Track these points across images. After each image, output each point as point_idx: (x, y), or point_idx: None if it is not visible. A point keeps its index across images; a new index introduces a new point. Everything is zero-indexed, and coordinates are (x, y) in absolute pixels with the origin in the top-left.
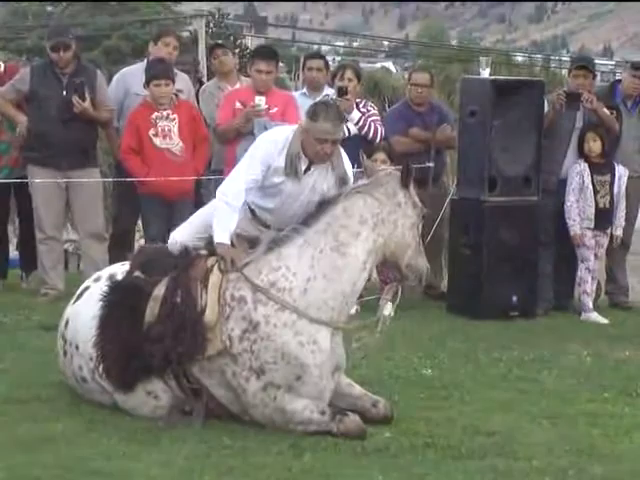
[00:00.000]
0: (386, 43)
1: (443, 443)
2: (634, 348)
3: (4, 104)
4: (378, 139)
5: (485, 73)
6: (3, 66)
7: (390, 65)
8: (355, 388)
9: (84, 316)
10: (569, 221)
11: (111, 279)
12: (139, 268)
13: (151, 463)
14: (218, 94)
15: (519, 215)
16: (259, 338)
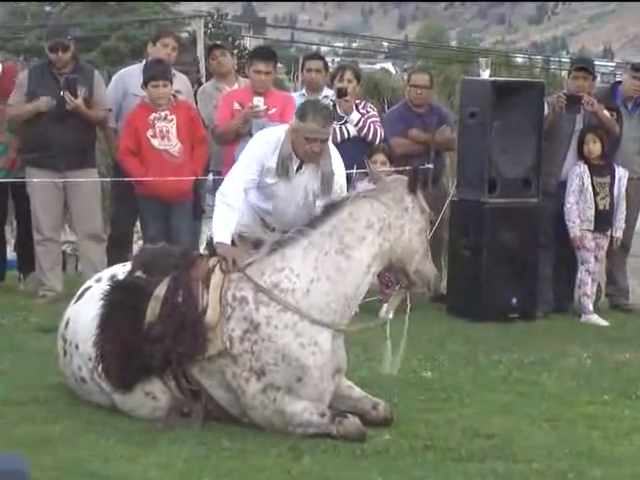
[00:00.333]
0: (385, 44)
1: (443, 445)
2: (634, 350)
3: (19, 108)
4: (377, 140)
5: (485, 74)
6: (1, 67)
7: (389, 66)
8: (355, 390)
9: (84, 316)
10: (569, 223)
11: (112, 279)
12: (140, 268)
13: (149, 465)
14: (216, 95)
15: (519, 217)
16: (260, 339)
